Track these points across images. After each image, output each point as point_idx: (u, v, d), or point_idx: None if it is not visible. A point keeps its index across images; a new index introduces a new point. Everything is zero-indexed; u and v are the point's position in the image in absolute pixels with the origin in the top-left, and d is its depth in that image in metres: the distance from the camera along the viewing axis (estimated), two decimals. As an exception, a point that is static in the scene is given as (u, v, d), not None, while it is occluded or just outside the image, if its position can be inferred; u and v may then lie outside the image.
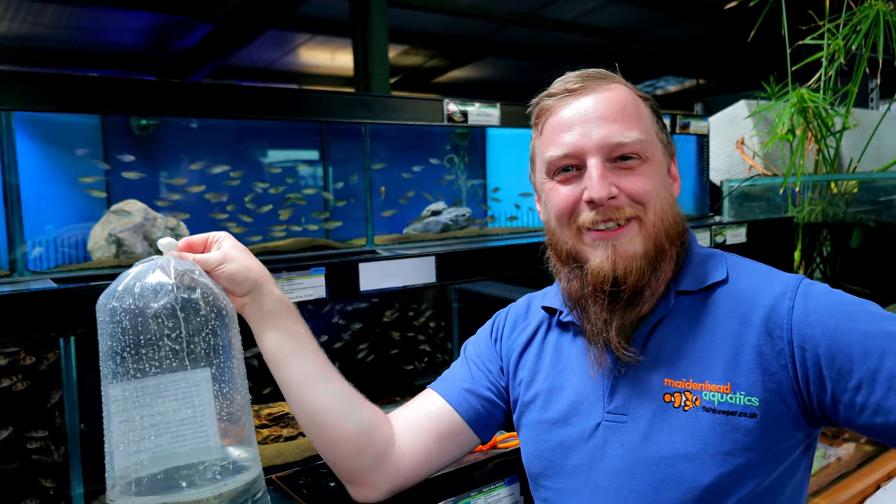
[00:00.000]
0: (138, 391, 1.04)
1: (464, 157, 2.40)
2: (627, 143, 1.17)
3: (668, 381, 1.18)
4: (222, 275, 1.16)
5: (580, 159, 1.19)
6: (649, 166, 1.20)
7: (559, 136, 1.21)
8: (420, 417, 1.36)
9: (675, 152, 1.31)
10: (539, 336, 1.39)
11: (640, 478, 1.16)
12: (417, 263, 1.64)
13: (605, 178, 1.16)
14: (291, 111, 1.75)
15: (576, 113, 1.20)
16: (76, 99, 1.44)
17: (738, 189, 3.23)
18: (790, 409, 1.12)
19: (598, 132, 1.17)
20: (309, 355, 1.25)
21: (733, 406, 1.12)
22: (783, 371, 1.11)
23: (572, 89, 1.22)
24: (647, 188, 1.18)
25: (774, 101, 3.28)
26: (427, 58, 10.33)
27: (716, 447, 1.12)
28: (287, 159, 2.06)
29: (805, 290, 1.15)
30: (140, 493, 1.05)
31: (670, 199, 1.24)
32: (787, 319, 1.13)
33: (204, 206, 1.85)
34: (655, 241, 1.19)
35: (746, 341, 1.15)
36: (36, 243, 1.58)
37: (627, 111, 1.20)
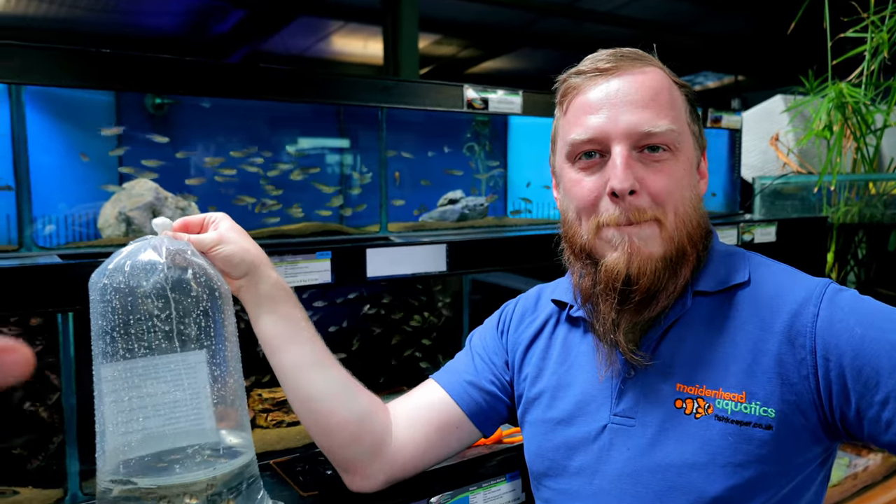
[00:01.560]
0: (129, 371, 1.03)
1: (484, 146, 2.37)
2: (657, 133, 1.11)
3: (681, 386, 1.12)
4: (218, 256, 1.14)
5: (604, 145, 1.13)
6: (677, 161, 1.13)
7: (584, 117, 1.14)
8: (419, 408, 1.32)
9: (706, 146, 1.24)
10: (547, 330, 1.34)
11: (644, 485, 1.11)
12: (428, 251, 1.61)
13: (630, 168, 1.10)
14: (308, 93, 1.72)
15: (605, 94, 1.13)
16: (90, 75, 1.43)
17: (771, 187, 3.15)
18: (809, 422, 1.06)
19: (626, 118, 1.11)
20: (305, 341, 1.22)
21: (748, 416, 1.06)
22: (804, 382, 1.05)
23: (603, 69, 1.15)
24: (670, 188, 1.12)
25: (812, 95, 3.19)
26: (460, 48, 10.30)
27: (726, 458, 1.07)
28: (303, 143, 2.04)
29: (831, 297, 1.09)
30: (130, 474, 1.03)
31: (695, 200, 1.17)
32: (810, 327, 1.06)
33: (216, 188, 1.83)
34: (676, 243, 1.13)
35: (766, 348, 1.08)
36: (47, 220, 1.57)
37: (661, 97, 1.13)
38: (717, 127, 2.69)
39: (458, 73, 10.94)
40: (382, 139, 1.88)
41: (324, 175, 2.06)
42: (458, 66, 10.92)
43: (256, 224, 1.83)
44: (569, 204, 1.20)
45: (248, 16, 8.07)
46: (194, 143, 1.82)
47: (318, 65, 9.98)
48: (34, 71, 1.37)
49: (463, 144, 2.33)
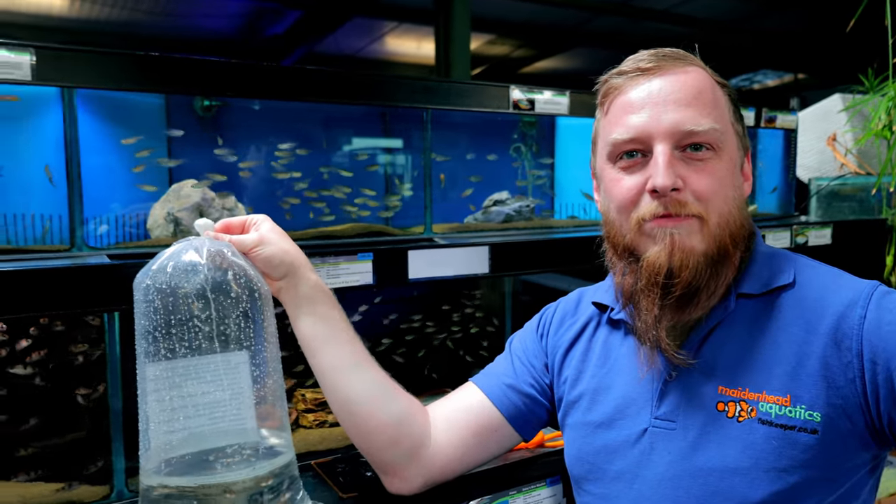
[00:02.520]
0: (171, 371, 1.04)
1: (531, 147, 2.35)
2: (700, 132, 1.09)
3: (723, 389, 1.10)
4: (258, 257, 1.15)
5: (646, 144, 1.11)
6: (720, 160, 1.11)
7: (626, 117, 1.13)
8: (458, 411, 1.32)
9: (749, 147, 1.22)
10: (587, 333, 1.32)
11: (686, 489, 1.09)
12: (470, 253, 1.61)
13: (672, 167, 1.08)
14: (352, 94, 1.73)
15: (647, 94, 1.12)
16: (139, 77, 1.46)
17: (827, 188, 3.08)
18: (856, 426, 1.03)
19: (668, 116, 1.09)
20: (344, 343, 1.23)
21: (792, 420, 1.04)
22: (850, 385, 1.02)
23: (645, 68, 1.14)
24: (714, 186, 1.10)
25: (872, 94, 3.11)
26: (513, 48, 10.25)
27: (770, 463, 1.04)
28: (349, 145, 2.05)
29: (879, 299, 1.06)
30: (172, 473, 1.05)
31: (738, 200, 1.15)
32: (857, 329, 1.03)
33: (263, 188, 1.85)
34: (718, 242, 1.10)
35: (811, 351, 1.06)
36: (98, 220, 1.60)
37: (703, 97, 1.12)
38: (772, 127, 2.63)
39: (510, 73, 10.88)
40: (427, 140, 1.88)
41: (369, 176, 2.06)
42: (511, 67, 10.86)
43: (302, 224, 1.84)
44: (609, 203, 1.19)
45: (303, 17, 8.14)
46: (242, 145, 1.85)
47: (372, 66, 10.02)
48: (85, 74, 1.40)
49: (510, 145, 2.32)
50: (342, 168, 1.99)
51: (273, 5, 7.83)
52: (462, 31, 5.54)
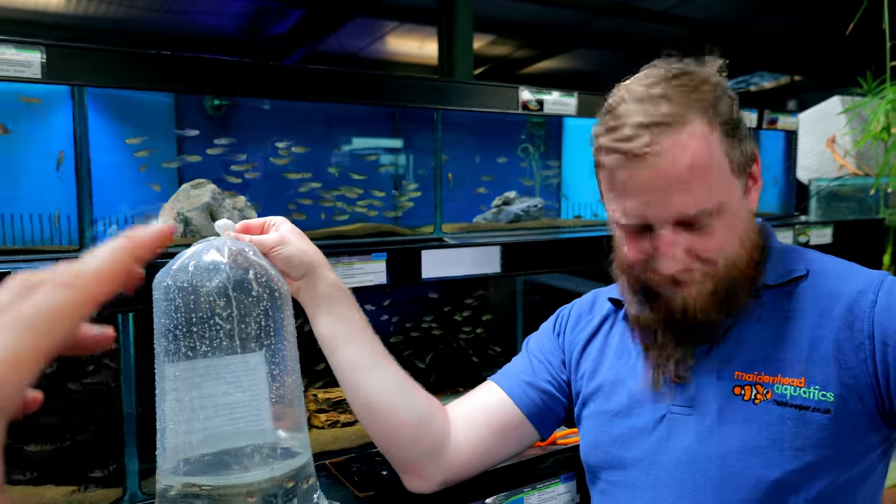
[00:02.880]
0: (190, 371, 1.04)
1: (539, 148, 2.35)
2: (701, 212, 1.07)
3: (739, 373, 1.14)
4: (278, 257, 1.16)
5: (648, 224, 1.11)
6: (724, 217, 1.10)
7: (622, 200, 1.11)
8: (478, 409, 1.33)
9: (755, 157, 1.18)
10: (604, 329, 1.36)
11: (703, 473, 1.12)
12: (482, 252, 1.61)
13: (677, 245, 1.09)
14: (362, 95, 1.73)
15: (638, 182, 1.07)
16: (150, 76, 1.45)
17: (827, 188, 3.11)
18: (867, 406, 1.07)
19: (667, 205, 1.07)
20: (363, 342, 1.23)
21: (807, 400, 1.08)
22: (862, 366, 1.06)
23: (635, 153, 1.06)
24: (719, 247, 1.11)
25: (870, 97, 3.14)
26: (515, 48, 10.27)
27: (786, 442, 1.07)
28: (359, 145, 2.05)
29: (890, 286, 1.11)
30: (190, 473, 1.05)
31: (744, 235, 1.15)
32: (868, 312, 1.08)
33: (273, 187, 1.85)
34: (728, 282, 1.13)
35: (824, 334, 1.10)
36: (108, 220, 1.60)
37: (697, 170, 1.05)
38: (773, 129, 2.65)
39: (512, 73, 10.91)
40: (437, 140, 1.88)
41: (378, 176, 2.06)
42: (513, 67, 10.89)
43: (312, 225, 1.84)
44: (618, 252, 1.23)
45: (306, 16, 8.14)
46: (252, 145, 1.84)
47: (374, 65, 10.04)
48: (96, 73, 1.39)
49: (518, 146, 2.32)
50: (351, 168, 1.98)
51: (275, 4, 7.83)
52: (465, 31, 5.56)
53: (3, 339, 0.43)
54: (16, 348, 0.43)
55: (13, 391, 0.43)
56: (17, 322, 0.45)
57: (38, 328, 0.45)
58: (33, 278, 0.48)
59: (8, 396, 0.42)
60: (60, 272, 0.48)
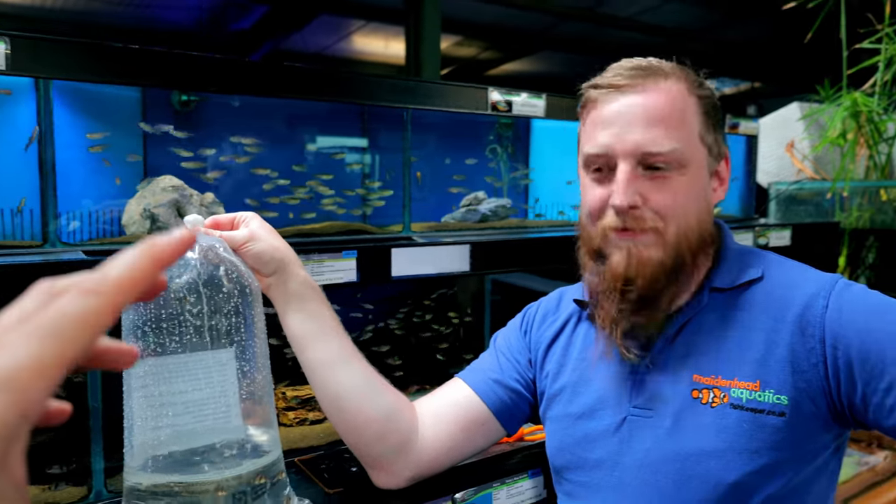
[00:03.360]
0: (159, 367, 1.03)
1: (507, 149, 2.36)
2: (661, 153, 1.14)
3: (697, 377, 1.17)
4: (248, 253, 1.15)
5: (611, 161, 1.17)
6: (683, 176, 1.16)
7: (596, 132, 1.19)
8: (445, 406, 1.34)
9: (725, 153, 1.27)
10: (568, 329, 1.37)
11: (664, 474, 1.15)
12: (452, 251, 1.62)
13: (632, 185, 1.14)
14: (333, 93, 1.73)
15: (616, 113, 1.17)
16: (119, 70, 1.43)
17: (786, 192, 3.19)
18: (819, 409, 1.10)
19: (632, 137, 1.14)
20: (333, 339, 1.23)
21: (762, 404, 1.11)
22: (814, 370, 1.10)
23: (618, 85, 1.18)
24: (673, 203, 1.16)
25: (827, 104, 3.23)
26: (481, 49, 10.29)
27: (742, 445, 1.10)
28: (328, 144, 2.04)
29: (841, 290, 1.14)
30: (158, 470, 1.04)
31: (701, 211, 1.20)
32: (820, 318, 1.11)
33: (241, 185, 1.83)
34: (675, 251, 1.17)
35: (779, 339, 1.13)
36: (71, 216, 1.58)
37: (672, 116, 1.16)
38: (735, 133, 2.71)
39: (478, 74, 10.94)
40: (407, 140, 1.88)
41: (347, 174, 2.06)
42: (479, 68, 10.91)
43: (281, 223, 1.83)
44: (583, 207, 1.25)
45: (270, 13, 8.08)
46: (220, 141, 1.83)
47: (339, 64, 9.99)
48: (63, 65, 1.37)
49: (486, 146, 2.33)
50: (320, 166, 1.98)
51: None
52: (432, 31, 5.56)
53: (28, 346, 0.43)
54: (40, 355, 0.43)
55: (37, 398, 0.42)
56: (41, 329, 0.44)
57: (62, 335, 0.44)
58: (58, 285, 0.47)
59: (31, 403, 0.42)
60: (85, 279, 0.48)
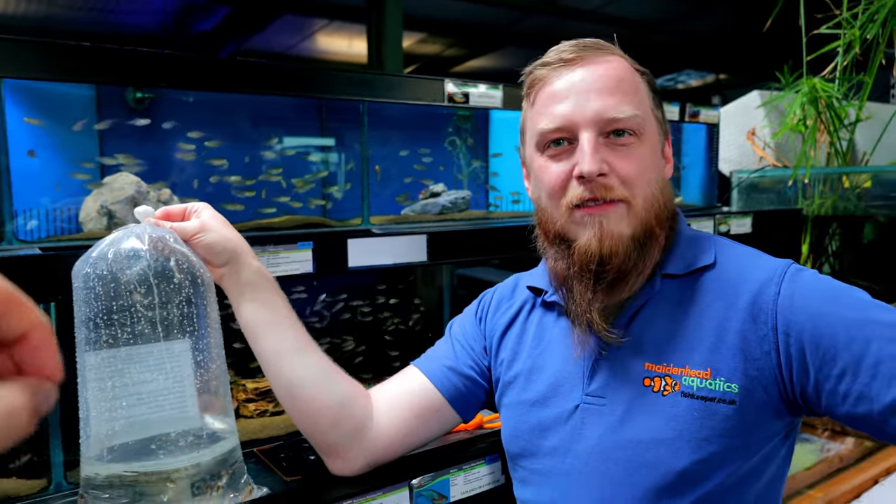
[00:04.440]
0: (112, 359, 1.04)
1: (465, 141, 2.38)
2: (623, 119, 1.15)
3: (649, 365, 1.16)
4: (200, 244, 1.16)
5: (572, 132, 1.16)
6: (643, 145, 1.18)
7: (552, 107, 1.18)
8: (400, 393, 1.35)
9: (668, 132, 1.29)
10: (522, 316, 1.37)
11: (615, 461, 1.15)
12: (409, 241, 1.63)
13: (598, 153, 1.14)
14: (288, 86, 1.73)
15: (570, 84, 1.17)
16: (70, 68, 1.43)
17: (748, 180, 3.20)
18: (771, 397, 1.10)
19: (592, 105, 1.14)
20: (286, 328, 1.24)
21: (712, 392, 1.10)
22: (766, 357, 1.09)
23: (567, 59, 1.19)
24: (638, 170, 1.16)
25: (787, 91, 3.24)
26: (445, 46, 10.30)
27: (692, 433, 1.10)
28: (284, 138, 2.05)
29: (792, 276, 1.13)
30: (114, 460, 1.04)
31: (661, 182, 1.22)
32: (772, 304, 1.10)
33: (198, 181, 1.84)
34: (644, 223, 1.17)
35: (730, 326, 1.13)
36: (28, 214, 1.57)
37: (624, 85, 1.17)
38: (695, 121, 2.71)
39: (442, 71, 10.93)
40: (364, 133, 1.89)
41: (306, 169, 2.07)
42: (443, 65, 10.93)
43: (240, 217, 1.84)
44: (539, 191, 1.24)
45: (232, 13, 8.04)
46: (175, 137, 1.83)
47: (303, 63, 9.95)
48: (14, 64, 1.37)
49: (445, 139, 2.35)
50: (278, 161, 1.98)
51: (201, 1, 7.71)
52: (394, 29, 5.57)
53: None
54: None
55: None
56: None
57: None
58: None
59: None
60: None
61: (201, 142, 1.83)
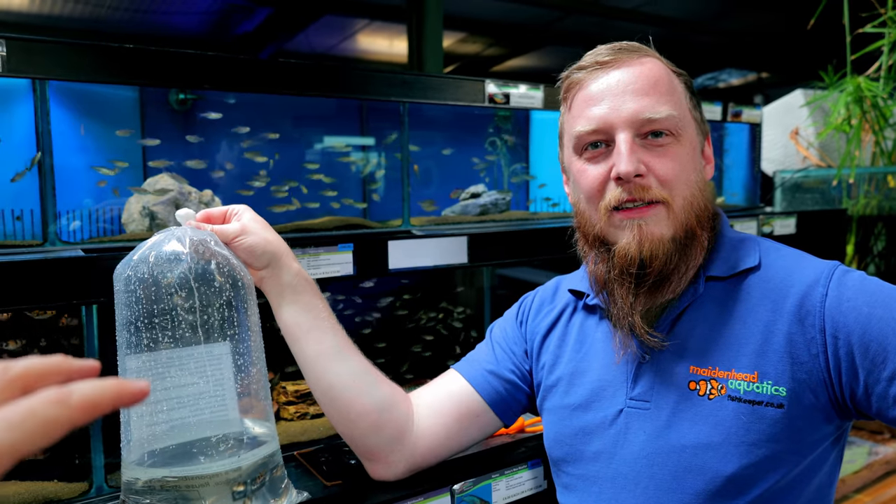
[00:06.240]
0: (153, 362, 1.04)
1: (506, 141, 2.36)
2: (659, 119, 1.13)
3: (694, 368, 1.15)
4: (240, 247, 1.15)
5: (609, 134, 1.15)
6: (681, 145, 1.16)
7: (588, 109, 1.17)
8: (441, 397, 1.34)
9: (708, 132, 1.27)
10: (563, 319, 1.36)
11: (660, 466, 1.13)
12: (449, 243, 1.61)
13: (634, 153, 1.13)
14: (329, 88, 1.73)
15: (606, 86, 1.16)
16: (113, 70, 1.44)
17: (791, 180, 3.16)
18: (819, 400, 1.08)
19: (628, 106, 1.14)
20: (326, 330, 1.23)
21: (760, 395, 1.09)
22: (814, 360, 1.07)
23: (603, 62, 1.18)
24: (676, 170, 1.15)
25: (831, 90, 3.19)
26: (485, 46, 10.27)
27: (740, 437, 1.08)
28: (326, 139, 2.05)
29: (839, 277, 1.11)
30: (155, 465, 1.04)
31: (700, 183, 1.20)
32: (819, 307, 1.09)
33: (240, 183, 1.84)
34: (685, 225, 1.15)
35: (777, 329, 1.11)
36: (71, 215, 1.58)
37: (660, 86, 1.16)
38: (738, 121, 2.69)
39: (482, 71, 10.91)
40: (405, 134, 1.88)
41: (346, 169, 2.06)
42: (483, 65, 10.90)
43: (280, 218, 1.84)
44: (579, 194, 1.23)
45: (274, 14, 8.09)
46: (218, 139, 1.83)
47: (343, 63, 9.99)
48: (58, 66, 1.38)
49: (485, 139, 2.33)
50: (319, 162, 1.98)
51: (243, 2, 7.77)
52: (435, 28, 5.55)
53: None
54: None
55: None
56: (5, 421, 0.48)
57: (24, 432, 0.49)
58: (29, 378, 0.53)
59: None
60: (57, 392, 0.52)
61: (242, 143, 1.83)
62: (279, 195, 1.88)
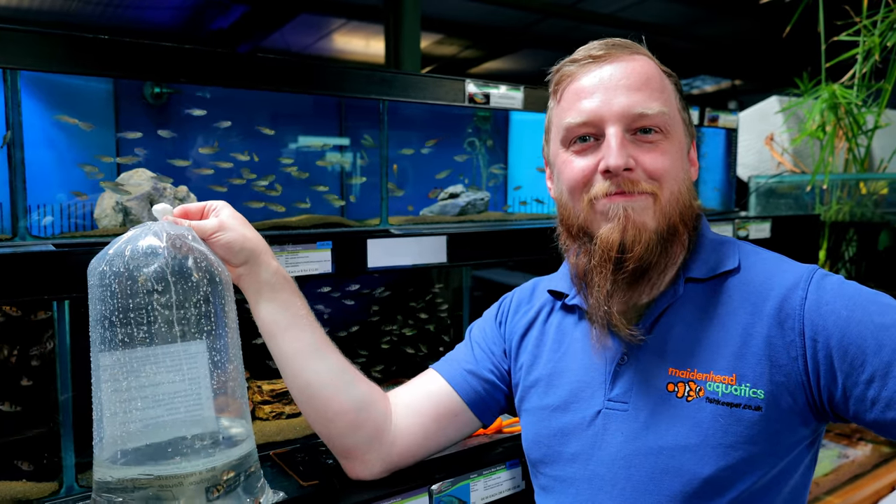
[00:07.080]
0: (127, 359, 1.02)
1: (485, 142, 2.35)
2: (650, 115, 1.13)
3: (673, 370, 1.15)
4: (218, 243, 1.13)
5: (599, 128, 1.15)
6: (670, 143, 1.16)
7: (579, 102, 1.16)
8: (419, 397, 1.33)
9: (695, 135, 1.27)
10: (541, 319, 1.35)
11: (638, 467, 1.13)
12: (429, 242, 1.60)
13: (624, 148, 1.12)
14: (308, 84, 1.71)
15: (598, 80, 1.16)
16: (87, 61, 1.41)
17: (766, 185, 3.19)
18: (797, 403, 1.08)
19: (619, 100, 1.13)
20: (304, 328, 1.22)
21: (738, 398, 1.09)
22: (793, 363, 1.08)
23: (596, 56, 1.18)
24: (665, 165, 1.14)
25: (806, 97, 3.23)
26: (462, 48, 10.29)
27: (717, 439, 1.09)
28: (303, 136, 2.03)
29: (819, 281, 1.11)
30: (128, 463, 1.02)
31: (687, 182, 1.20)
32: (799, 310, 1.09)
33: (215, 178, 1.81)
34: (669, 220, 1.15)
35: (756, 332, 1.11)
36: (42, 209, 1.55)
37: (652, 83, 1.16)
38: (714, 126, 2.71)
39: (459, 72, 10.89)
40: (384, 133, 1.87)
41: (324, 168, 2.04)
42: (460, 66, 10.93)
43: (257, 216, 1.81)
44: (562, 187, 1.22)
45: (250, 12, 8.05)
46: (194, 134, 1.80)
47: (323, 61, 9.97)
48: (30, 56, 1.35)
49: (464, 140, 2.32)
50: (297, 159, 1.96)
51: (218, -1, 7.72)
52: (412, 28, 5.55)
53: None
54: None
55: None
56: None
57: None
58: None
59: None
60: None
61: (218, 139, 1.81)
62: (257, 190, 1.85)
